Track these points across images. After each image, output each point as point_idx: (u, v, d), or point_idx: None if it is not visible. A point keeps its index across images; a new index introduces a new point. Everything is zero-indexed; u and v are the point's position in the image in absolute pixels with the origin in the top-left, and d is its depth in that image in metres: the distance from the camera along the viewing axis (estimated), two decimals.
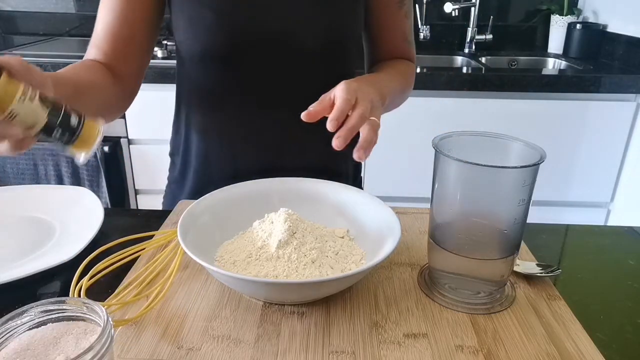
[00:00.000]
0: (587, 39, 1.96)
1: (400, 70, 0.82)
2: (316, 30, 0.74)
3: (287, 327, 0.50)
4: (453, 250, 0.53)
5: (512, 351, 0.47)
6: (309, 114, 0.56)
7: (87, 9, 2.12)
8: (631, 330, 0.52)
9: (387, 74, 0.78)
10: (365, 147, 0.56)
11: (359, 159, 0.56)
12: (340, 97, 0.57)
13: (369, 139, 0.57)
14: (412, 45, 0.87)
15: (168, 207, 0.90)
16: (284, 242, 0.55)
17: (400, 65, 0.84)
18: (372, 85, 0.65)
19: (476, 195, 0.52)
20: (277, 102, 0.77)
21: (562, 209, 1.80)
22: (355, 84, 0.60)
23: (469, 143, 0.54)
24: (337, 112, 0.55)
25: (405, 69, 0.84)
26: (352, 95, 0.57)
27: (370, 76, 0.72)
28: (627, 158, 1.72)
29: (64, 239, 0.66)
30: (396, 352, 0.47)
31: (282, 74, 0.76)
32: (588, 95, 1.64)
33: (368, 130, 0.57)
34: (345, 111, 0.56)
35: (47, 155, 1.68)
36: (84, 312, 0.39)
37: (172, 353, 0.46)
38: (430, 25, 2.08)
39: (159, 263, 0.58)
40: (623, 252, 0.67)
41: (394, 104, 0.83)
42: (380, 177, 1.73)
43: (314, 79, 0.77)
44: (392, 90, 0.74)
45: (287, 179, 0.68)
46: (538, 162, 0.48)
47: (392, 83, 0.76)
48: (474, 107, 1.65)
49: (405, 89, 0.84)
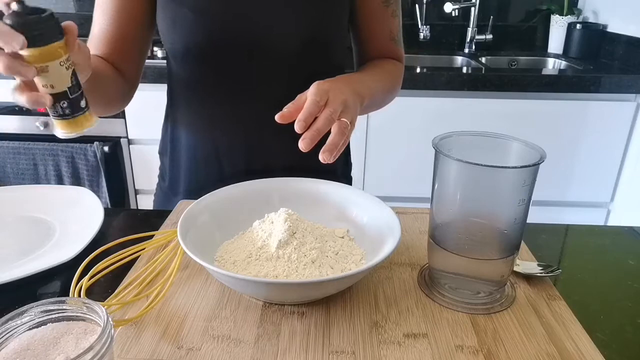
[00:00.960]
0: (587, 39, 1.96)
1: (386, 69, 0.82)
2: (295, 29, 0.74)
3: (287, 327, 0.50)
4: (453, 250, 0.53)
5: (512, 351, 0.47)
6: (283, 116, 0.56)
7: (87, 9, 2.12)
8: (631, 330, 0.52)
9: (371, 73, 0.78)
10: (330, 150, 0.55)
11: (324, 161, 0.55)
12: (309, 99, 0.57)
13: (336, 142, 0.55)
14: (400, 44, 0.87)
15: (158, 206, 0.90)
16: (284, 242, 0.55)
17: (387, 65, 0.83)
18: (349, 84, 0.65)
19: (476, 195, 0.52)
20: (260, 100, 0.77)
21: (562, 209, 1.80)
22: (328, 84, 0.60)
23: (469, 143, 0.54)
24: (304, 113, 0.55)
25: (391, 68, 0.84)
26: (321, 97, 0.57)
27: (349, 76, 0.71)
28: (627, 158, 1.72)
29: (64, 239, 0.66)
30: (396, 352, 0.47)
31: (264, 73, 0.76)
32: (588, 95, 1.64)
33: (335, 133, 0.56)
34: (313, 113, 0.56)
35: (47, 155, 1.68)
36: (84, 312, 0.39)
37: (172, 353, 0.46)
38: (430, 25, 2.08)
39: (159, 263, 0.59)
40: (623, 252, 0.67)
41: (377, 104, 0.83)
42: (380, 177, 1.73)
43: (296, 77, 0.76)
44: (374, 89, 0.73)
45: (287, 179, 0.68)
46: (538, 162, 0.48)
47: (375, 83, 0.76)
48: (474, 107, 1.65)
49: (391, 88, 0.83)
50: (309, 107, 0.56)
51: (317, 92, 0.57)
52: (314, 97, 0.57)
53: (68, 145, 1.68)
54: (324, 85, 0.59)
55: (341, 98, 0.59)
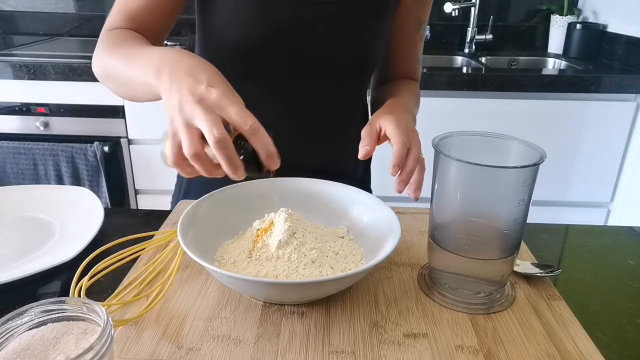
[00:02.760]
0: (587, 39, 1.96)
1: (414, 94, 0.85)
2: (346, 47, 0.75)
3: (287, 327, 0.50)
4: (453, 250, 0.53)
5: (512, 351, 0.47)
6: (367, 154, 0.61)
7: (87, 9, 2.12)
8: (631, 330, 0.52)
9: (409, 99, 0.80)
10: (419, 187, 0.60)
11: (415, 200, 0.60)
12: (399, 141, 0.59)
13: (421, 179, 0.60)
14: (421, 65, 0.90)
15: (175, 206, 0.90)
16: (284, 242, 0.55)
17: (414, 88, 0.86)
18: (407, 115, 0.68)
19: (476, 195, 0.52)
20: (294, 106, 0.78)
21: (562, 209, 1.80)
22: (403, 122, 0.63)
23: (469, 143, 0.54)
24: (399, 159, 0.59)
25: (416, 91, 0.87)
26: (407, 137, 0.61)
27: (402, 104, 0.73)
28: (627, 158, 1.73)
29: (64, 239, 0.66)
30: (396, 352, 0.47)
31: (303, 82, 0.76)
32: (588, 95, 1.64)
33: (419, 171, 0.60)
34: (404, 156, 0.59)
35: (47, 155, 1.68)
36: (84, 312, 0.39)
37: (172, 353, 0.46)
38: (430, 25, 2.08)
39: (159, 263, 0.59)
40: (623, 252, 0.67)
41: None
42: (380, 177, 1.73)
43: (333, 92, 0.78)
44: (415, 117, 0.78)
45: (287, 179, 0.68)
46: (538, 162, 0.48)
47: (415, 109, 0.80)
48: (474, 107, 1.65)
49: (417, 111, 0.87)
50: (401, 151, 0.59)
51: (402, 133, 0.60)
52: (402, 137, 0.60)
53: (68, 145, 1.68)
54: (401, 122, 0.62)
55: (417, 135, 0.63)
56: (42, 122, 1.70)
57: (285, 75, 0.76)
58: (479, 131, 0.55)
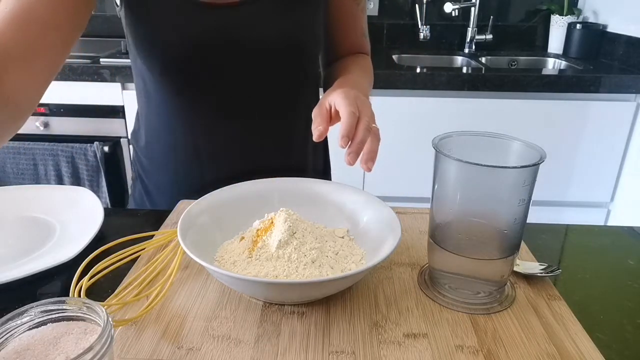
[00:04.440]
0: (587, 39, 1.96)
1: (365, 67, 0.84)
2: (278, 35, 0.73)
3: (287, 327, 0.50)
4: (453, 250, 0.53)
5: (512, 351, 0.47)
6: (321, 134, 0.57)
7: None
8: (631, 330, 0.52)
9: (358, 74, 0.79)
10: (372, 158, 0.56)
11: (368, 171, 0.56)
12: (347, 111, 0.57)
13: (375, 149, 0.57)
14: (368, 38, 0.89)
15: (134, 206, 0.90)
16: (284, 242, 0.55)
17: (363, 62, 0.85)
18: (358, 88, 0.65)
19: (476, 195, 0.52)
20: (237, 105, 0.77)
21: (562, 209, 1.80)
22: (352, 92, 0.60)
23: (469, 143, 0.54)
24: (347, 129, 0.55)
25: (367, 65, 0.86)
26: (355, 107, 0.58)
27: (350, 80, 0.72)
28: (627, 158, 1.73)
29: (64, 239, 0.66)
30: (396, 352, 0.47)
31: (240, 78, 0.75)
32: (588, 95, 1.64)
33: (372, 140, 0.57)
34: (354, 125, 0.56)
35: (47, 155, 1.68)
36: (84, 312, 0.38)
37: (172, 353, 0.46)
38: (430, 25, 2.08)
39: (159, 263, 0.59)
40: (623, 252, 0.67)
41: None
42: (380, 177, 1.73)
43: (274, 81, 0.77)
44: (368, 90, 0.76)
45: (287, 179, 0.68)
46: (538, 162, 0.48)
47: (366, 82, 0.78)
48: (474, 107, 1.65)
49: (371, 84, 0.85)
50: (349, 121, 0.56)
51: (350, 103, 0.58)
52: (349, 108, 0.57)
53: (68, 145, 1.68)
54: (349, 93, 0.60)
55: (368, 105, 0.60)
56: (42, 122, 1.70)
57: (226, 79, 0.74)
58: (479, 131, 0.55)
